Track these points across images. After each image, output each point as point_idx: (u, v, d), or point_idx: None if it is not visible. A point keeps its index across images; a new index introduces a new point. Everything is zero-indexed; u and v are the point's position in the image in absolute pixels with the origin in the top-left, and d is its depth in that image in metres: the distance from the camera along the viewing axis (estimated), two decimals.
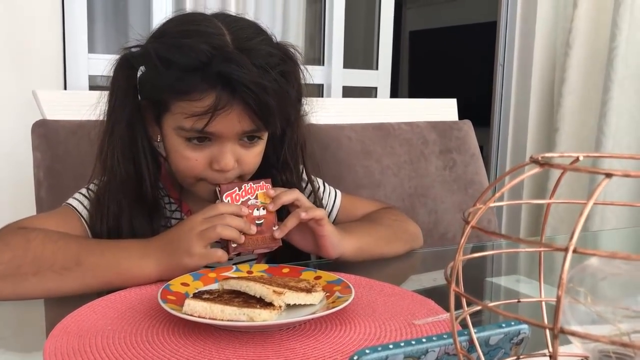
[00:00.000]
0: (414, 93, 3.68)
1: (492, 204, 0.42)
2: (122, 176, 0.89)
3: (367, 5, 2.48)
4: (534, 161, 0.41)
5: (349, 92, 2.16)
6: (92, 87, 1.77)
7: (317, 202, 1.03)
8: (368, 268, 0.95)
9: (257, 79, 0.80)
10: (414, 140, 1.44)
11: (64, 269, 0.78)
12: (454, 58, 3.45)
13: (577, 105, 2.21)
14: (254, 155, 0.90)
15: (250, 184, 0.86)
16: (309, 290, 0.72)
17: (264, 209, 0.86)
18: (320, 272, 0.82)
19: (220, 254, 0.81)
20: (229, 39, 0.82)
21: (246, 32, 0.85)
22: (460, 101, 1.57)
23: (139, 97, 0.90)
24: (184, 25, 0.85)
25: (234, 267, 0.86)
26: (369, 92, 2.25)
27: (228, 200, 0.84)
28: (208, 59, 0.80)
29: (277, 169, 0.98)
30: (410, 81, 3.83)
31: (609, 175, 0.35)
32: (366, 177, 1.35)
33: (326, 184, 1.10)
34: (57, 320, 0.68)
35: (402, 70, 3.84)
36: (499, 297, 0.92)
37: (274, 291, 0.69)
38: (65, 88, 1.71)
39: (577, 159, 0.43)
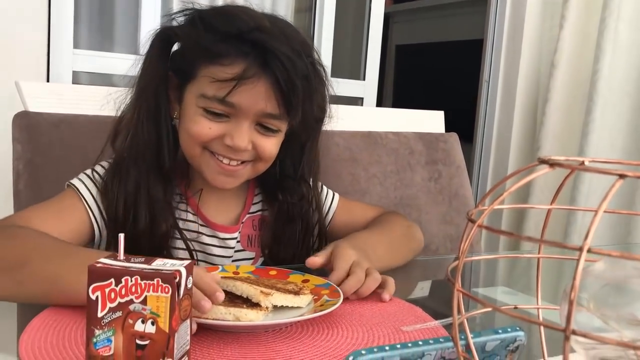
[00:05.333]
0: (398, 106, 3.69)
1: (497, 205, 0.41)
2: (145, 140, 0.88)
3: (356, 16, 2.48)
4: (543, 162, 0.40)
5: (336, 100, 2.15)
6: (76, 84, 1.74)
7: (321, 216, 1.02)
8: None
9: (290, 55, 0.81)
10: (400, 150, 1.43)
11: (10, 269, 0.71)
12: (439, 73, 3.47)
13: (559, 125, 2.23)
14: (271, 143, 0.88)
15: (137, 278, 0.50)
16: (296, 293, 0.71)
17: (153, 322, 0.50)
18: (308, 276, 0.81)
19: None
20: (267, 22, 0.84)
21: (283, 23, 0.88)
22: (444, 116, 1.57)
23: (168, 70, 0.90)
24: (228, 7, 0.89)
25: (220, 266, 0.84)
26: (356, 101, 2.25)
27: (97, 296, 0.50)
28: (248, 29, 0.81)
29: (294, 180, 0.97)
30: (395, 94, 3.85)
31: (622, 177, 0.34)
32: (352, 184, 1.34)
33: (324, 186, 1.08)
34: (30, 314, 0.66)
35: (387, 83, 3.85)
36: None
37: (261, 292, 0.67)
38: (48, 82, 1.67)
39: (583, 162, 0.43)
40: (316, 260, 0.82)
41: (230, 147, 0.84)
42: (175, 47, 0.91)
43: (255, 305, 0.66)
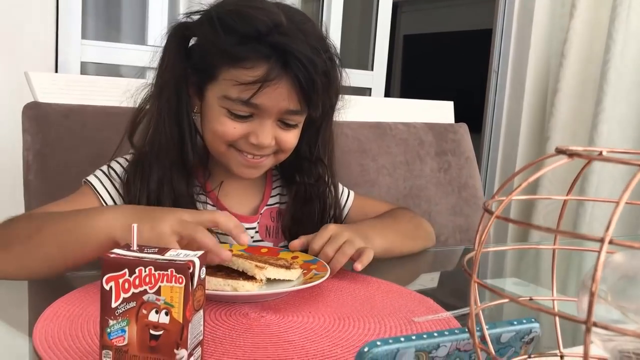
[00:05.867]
0: (405, 96, 3.68)
1: (515, 197, 0.41)
2: (167, 137, 0.89)
3: (364, 6, 2.47)
4: (561, 152, 0.40)
5: (344, 91, 2.14)
6: (84, 74, 1.74)
7: (338, 207, 1.03)
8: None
9: (310, 55, 0.82)
10: (410, 140, 1.43)
11: (27, 239, 0.75)
12: (447, 63, 3.46)
13: (569, 116, 2.22)
14: (291, 136, 0.90)
15: (150, 269, 0.50)
16: (287, 267, 0.76)
17: (167, 313, 0.51)
18: (297, 253, 0.86)
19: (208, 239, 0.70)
20: (284, 19, 0.84)
21: (298, 16, 0.88)
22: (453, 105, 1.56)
23: (187, 67, 0.90)
24: (243, 2, 0.88)
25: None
26: (364, 92, 2.24)
27: (111, 286, 0.50)
28: (267, 30, 0.82)
29: (310, 161, 0.98)
30: (403, 84, 3.84)
31: None
32: (361, 175, 1.34)
33: (339, 183, 1.09)
34: (43, 304, 0.66)
35: (395, 73, 3.84)
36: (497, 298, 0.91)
37: (256, 265, 0.72)
38: (56, 73, 1.67)
39: (601, 153, 0.42)
40: (294, 244, 0.86)
41: (255, 144, 0.86)
42: (192, 42, 0.91)
43: (250, 278, 0.72)
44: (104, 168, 0.92)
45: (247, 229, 0.97)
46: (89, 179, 0.91)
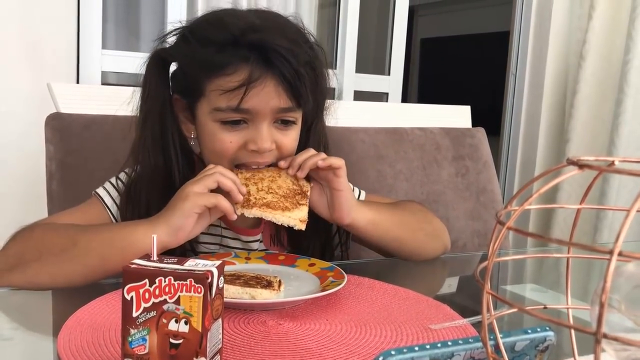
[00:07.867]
0: (423, 100, 3.68)
1: (527, 207, 0.41)
2: (152, 167, 0.89)
3: (380, 11, 2.47)
4: (572, 163, 0.40)
5: (360, 96, 2.16)
6: (105, 84, 1.77)
7: None
8: (380, 271, 0.94)
9: (289, 46, 0.81)
10: (427, 145, 1.43)
11: (62, 251, 0.78)
12: (464, 67, 3.45)
13: (589, 117, 2.20)
14: (290, 139, 0.88)
15: (170, 279, 0.51)
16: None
17: (186, 322, 0.51)
18: (314, 260, 0.87)
19: (220, 199, 0.78)
20: (256, 19, 0.84)
21: (271, 14, 0.88)
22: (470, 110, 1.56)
23: (171, 93, 0.90)
24: (214, 13, 0.88)
25: (233, 252, 0.90)
26: (380, 97, 2.24)
27: (132, 296, 0.51)
28: (241, 33, 0.81)
29: None
30: (420, 88, 3.83)
31: None
32: (378, 181, 1.34)
33: (350, 184, 1.08)
34: (65, 313, 0.68)
35: (412, 77, 3.84)
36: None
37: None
38: (78, 83, 1.71)
39: (613, 163, 0.43)
40: (282, 163, 0.87)
41: (255, 151, 0.85)
42: (172, 68, 0.91)
43: (268, 286, 0.74)
44: (113, 180, 0.94)
45: (252, 241, 0.96)
46: (98, 191, 0.93)
